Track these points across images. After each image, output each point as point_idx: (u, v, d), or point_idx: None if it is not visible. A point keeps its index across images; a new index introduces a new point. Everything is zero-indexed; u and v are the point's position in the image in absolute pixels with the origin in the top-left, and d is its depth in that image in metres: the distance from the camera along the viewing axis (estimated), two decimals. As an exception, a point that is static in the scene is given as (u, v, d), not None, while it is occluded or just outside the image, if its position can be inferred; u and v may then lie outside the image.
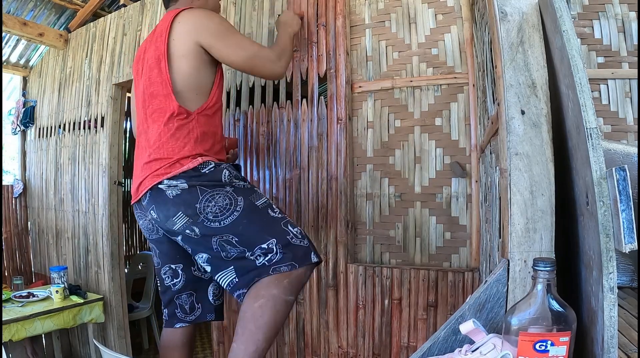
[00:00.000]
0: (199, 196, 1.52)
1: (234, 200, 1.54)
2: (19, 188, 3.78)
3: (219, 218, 1.52)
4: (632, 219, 0.64)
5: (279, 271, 1.48)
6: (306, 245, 1.55)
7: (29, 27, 3.17)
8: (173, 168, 1.57)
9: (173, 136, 1.61)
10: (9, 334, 2.36)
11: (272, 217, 1.57)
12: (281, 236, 1.52)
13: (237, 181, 1.60)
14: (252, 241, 1.51)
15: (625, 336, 0.89)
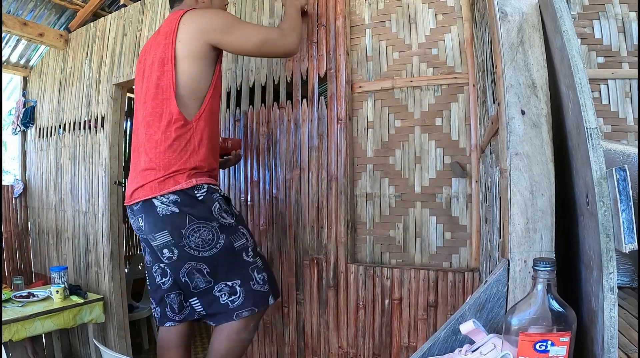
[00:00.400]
0: (186, 223, 1.62)
1: (217, 237, 1.65)
2: (19, 188, 3.78)
3: (199, 248, 1.64)
4: (632, 220, 0.64)
5: (241, 316, 1.68)
6: (266, 290, 1.73)
7: (29, 27, 3.17)
8: (166, 184, 1.63)
9: (170, 147, 1.66)
10: (9, 334, 2.36)
11: (244, 260, 1.71)
12: (245, 280, 1.69)
13: (225, 216, 1.68)
14: (220, 276, 1.68)
15: (625, 336, 0.89)
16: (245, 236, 1.73)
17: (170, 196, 1.62)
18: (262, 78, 2.25)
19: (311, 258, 2.07)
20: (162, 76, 1.67)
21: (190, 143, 1.67)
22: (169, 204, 1.62)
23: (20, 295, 2.75)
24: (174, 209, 1.62)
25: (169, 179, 1.63)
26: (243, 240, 1.71)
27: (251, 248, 1.74)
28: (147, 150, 1.68)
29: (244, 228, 1.75)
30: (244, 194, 2.29)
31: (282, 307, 2.16)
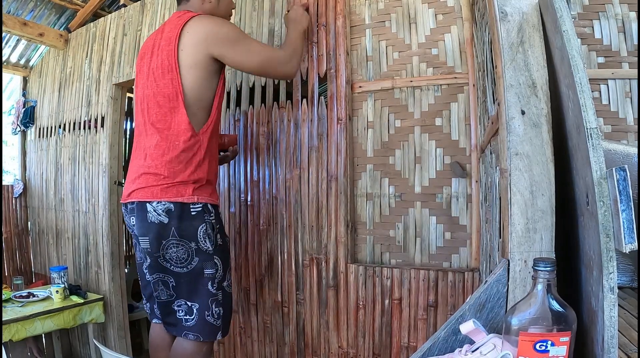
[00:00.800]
0: (168, 236, 1.64)
1: (191, 258, 1.67)
2: (19, 188, 3.78)
3: (172, 263, 1.67)
4: (632, 220, 0.64)
5: (187, 338, 1.72)
6: (217, 325, 1.74)
7: (29, 27, 3.17)
8: (168, 192, 1.64)
9: (177, 158, 1.67)
10: (9, 334, 2.36)
11: (207, 289, 1.71)
12: (202, 307, 1.71)
13: (206, 241, 1.68)
14: (183, 294, 1.71)
15: (626, 336, 0.89)
16: (217, 266, 1.73)
17: (166, 203, 1.63)
18: (262, 78, 2.25)
19: (311, 258, 2.07)
20: (169, 84, 1.67)
21: (197, 155, 1.69)
22: (161, 213, 1.63)
23: (20, 295, 2.76)
24: (162, 219, 1.63)
25: (172, 188, 1.65)
26: (213, 270, 1.71)
27: (218, 280, 1.73)
28: (152, 155, 1.68)
29: (219, 259, 1.74)
30: (243, 194, 2.29)
31: (282, 307, 2.16)
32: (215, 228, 1.72)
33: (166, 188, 1.64)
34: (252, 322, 2.26)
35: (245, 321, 2.28)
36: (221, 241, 1.78)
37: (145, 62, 1.78)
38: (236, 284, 2.30)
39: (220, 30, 1.70)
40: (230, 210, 2.32)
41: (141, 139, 1.75)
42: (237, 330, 2.31)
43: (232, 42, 1.70)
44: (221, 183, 2.35)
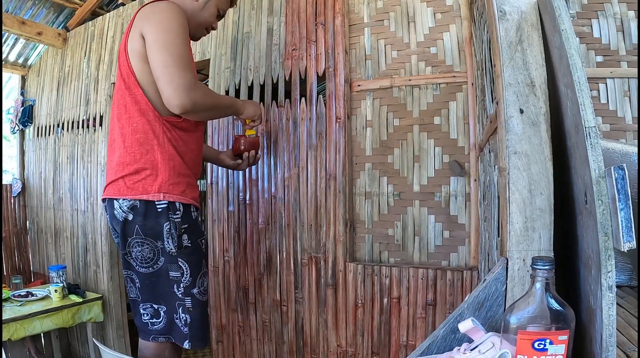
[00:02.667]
0: (133, 234, 1.58)
1: (156, 258, 1.60)
2: (18, 187, 3.78)
3: (137, 262, 1.62)
4: (630, 218, 0.64)
5: (156, 340, 1.67)
6: (184, 332, 1.65)
7: (27, 26, 3.16)
8: (134, 189, 1.56)
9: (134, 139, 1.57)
10: (8, 333, 2.36)
11: (173, 292, 1.63)
12: (170, 310, 1.64)
13: (169, 241, 1.58)
14: (148, 296, 1.65)
15: (624, 335, 0.89)
16: (182, 270, 1.62)
17: (131, 200, 1.56)
18: (261, 77, 2.25)
19: (310, 256, 2.07)
20: (124, 63, 1.58)
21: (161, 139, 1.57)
22: (126, 210, 1.57)
23: (19, 294, 2.75)
24: (127, 216, 1.57)
25: (137, 184, 1.56)
26: (178, 274, 1.62)
27: (185, 285, 1.63)
28: (117, 145, 1.61)
29: (185, 263, 1.62)
30: (242, 193, 2.28)
31: (281, 306, 2.16)
32: (180, 228, 1.60)
33: (132, 184, 1.56)
34: (251, 320, 2.26)
35: (244, 320, 2.28)
36: (189, 243, 1.63)
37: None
38: (235, 283, 2.30)
39: (161, 12, 1.55)
40: (229, 209, 2.32)
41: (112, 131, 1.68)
42: (236, 328, 2.31)
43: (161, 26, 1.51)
44: (220, 182, 2.35)
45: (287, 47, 2.18)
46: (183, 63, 1.49)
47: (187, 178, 1.65)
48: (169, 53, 1.48)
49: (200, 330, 1.68)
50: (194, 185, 1.70)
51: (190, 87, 1.48)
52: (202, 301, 1.69)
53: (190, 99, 1.47)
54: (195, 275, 1.65)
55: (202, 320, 1.69)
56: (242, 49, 2.32)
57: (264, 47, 2.25)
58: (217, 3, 1.76)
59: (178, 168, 1.61)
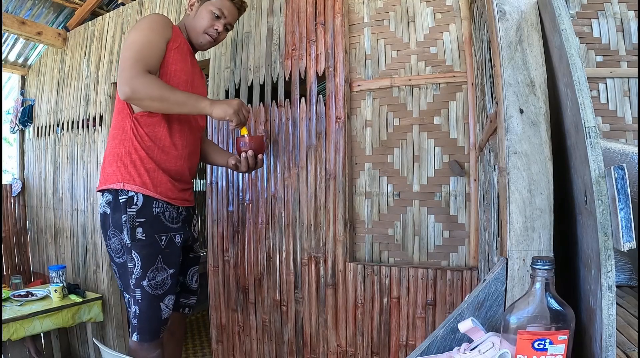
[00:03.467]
0: (109, 226, 1.71)
1: (123, 249, 1.71)
2: (18, 187, 3.78)
3: (113, 253, 1.75)
4: (630, 218, 0.64)
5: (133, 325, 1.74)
6: (134, 325, 1.72)
7: (27, 26, 3.16)
8: (106, 180, 1.72)
9: (112, 134, 1.76)
10: (8, 333, 2.36)
11: (129, 283, 1.71)
12: (129, 301, 1.73)
13: (124, 233, 1.67)
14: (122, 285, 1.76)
15: (624, 334, 0.89)
16: (134, 262, 1.67)
17: (107, 195, 1.72)
18: (261, 77, 2.25)
19: (310, 256, 2.07)
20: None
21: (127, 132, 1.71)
22: (104, 204, 1.73)
23: (18, 294, 2.75)
24: (105, 209, 1.72)
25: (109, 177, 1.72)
26: (131, 265, 1.68)
27: (136, 277, 1.67)
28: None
29: (137, 254, 1.66)
30: (242, 193, 2.28)
31: (281, 306, 2.16)
32: (134, 221, 1.66)
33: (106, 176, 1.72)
34: (251, 320, 2.26)
35: (244, 320, 2.29)
36: (144, 236, 1.67)
37: None
38: (235, 283, 2.30)
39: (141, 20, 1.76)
40: (229, 209, 2.32)
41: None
42: (236, 328, 2.31)
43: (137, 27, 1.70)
44: (220, 182, 2.35)
45: (287, 47, 2.18)
46: (137, 56, 1.61)
47: (154, 172, 1.72)
48: (128, 49, 1.63)
49: (149, 323, 1.71)
50: (164, 181, 1.73)
51: (133, 76, 1.58)
52: (153, 295, 1.70)
53: (129, 87, 1.57)
54: (147, 268, 1.68)
55: (151, 313, 1.71)
56: (241, 49, 2.32)
57: (264, 47, 2.25)
58: (207, 6, 1.83)
59: (143, 160, 1.70)
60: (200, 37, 1.85)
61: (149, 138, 1.71)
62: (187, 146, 1.82)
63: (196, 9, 1.84)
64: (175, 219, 1.77)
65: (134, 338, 1.71)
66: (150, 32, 1.67)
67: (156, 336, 1.73)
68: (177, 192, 1.77)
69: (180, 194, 1.79)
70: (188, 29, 1.86)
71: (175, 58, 1.75)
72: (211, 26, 1.84)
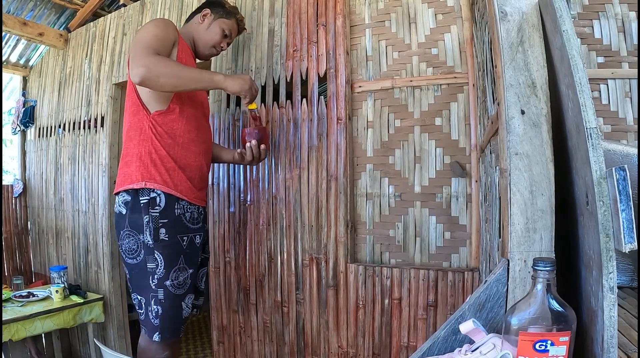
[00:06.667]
0: (125, 226, 1.71)
1: (139, 250, 1.70)
2: (19, 188, 3.78)
3: (126, 254, 1.74)
4: (631, 219, 0.64)
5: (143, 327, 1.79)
6: (155, 324, 1.73)
7: (29, 27, 3.17)
8: (124, 181, 1.71)
9: (128, 136, 1.75)
10: (9, 334, 2.36)
11: (149, 284, 1.71)
12: (147, 303, 1.74)
13: (147, 234, 1.67)
14: (134, 286, 1.77)
15: (625, 336, 0.89)
16: (157, 262, 1.68)
17: (124, 195, 1.71)
18: (262, 78, 2.25)
19: (311, 257, 2.07)
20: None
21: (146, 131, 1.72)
22: (121, 204, 1.72)
23: (20, 294, 2.76)
24: (122, 210, 1.72)
25: (126, 178, 1.71)
26: (153, 265, 1.69)
27: (159, 277, 1.69)
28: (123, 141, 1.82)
29: (160, 255, 1.68)
30: (243, 193, 2.29)
31: (282, 307, 2.16)
32: (157, 222, 1.67)
33: (123, 177, 1.72)
34: (252, 321, 2.26)
35: (245, 320, 2.29)
36: (167, 236, 1.69)
37: None
38: (236, 284, 2.30)
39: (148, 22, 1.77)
40: (230, 210, 2.32)
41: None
42: (237, 329, 2.31)
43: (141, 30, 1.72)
44: (221, 183, 2.35)
45: (288, 48, 2.18)
46: (147, 45, 1.62)
47: (174, 171, 1.73)
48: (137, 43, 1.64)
49: (171, 322, 1.74)
50: (183, 180, 1.75)
51: (145, 56, 1.58)
52: (175, 295, 1.73)
53: (144, 66, 1.56)
54: (171, 268, 1.70)
55: (173, 314, 1.74)
56: (243, 50, 2.33)
57: (265, 49, 2.25)
58: (220, 24, 1.96)
59: (163, 159, 1.71)
60: (207, 50, 1.98)
61: (168, 136, 1.73)
62: (205, 141, 1.89)
63: (209, 23, 1.94)
64: (195, 219, 1.81)
65: (155, 338, 1.72)
66: (157, 30, 1.71)
67: (177, 335, 1.77)
68: (196, 191, 1.81)
69: (198, 194, 1.83)
70: (196, 38, 1.95)
71: (180, 57, 1.80)
72: (219, 43, 1.97)
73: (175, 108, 1.76)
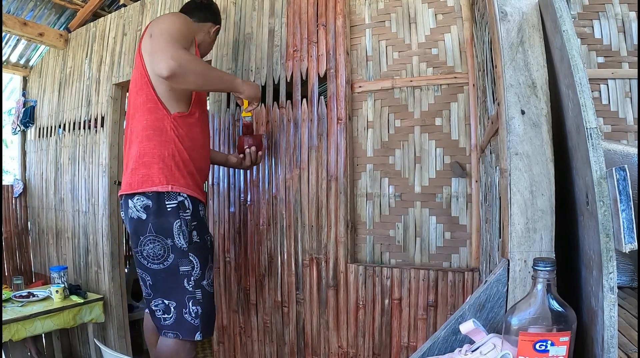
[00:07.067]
0: (146, 231, 1.65)
1: (166, 255, 1.67)
2: (19, 188, 3.78)
3: (148, 259, 1.68)
4: (632, 219, 0.64)
5: (167, 336, 1.71)
6: (195, 325, 1.71)
7: (29, 27, 3.17)
8: (144, 183, 1.65)
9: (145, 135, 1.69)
10: (9, 334, 2.36)
11: (183, 286, 1.70)
12: (180, 305, 1.70)
13: (181, 237, 1.67)
14: (159, 291, 1.71)
15: (625, 336, 0.89)
16: (193, 264, 1.70)
17: (144, 199, 1.65)
18: (262, 78, 2.25)
19: (311, 257, 2.07)
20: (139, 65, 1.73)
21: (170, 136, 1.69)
22: (139, 209, 1.65)
23: (20, 294, 2.76)
24: (141, 215, 1.65)
25: (147, 180, 1.65)
26: (189, 267, 1.69)
27: (195, 278, 1.71)
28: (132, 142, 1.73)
29: (195, 257, 1.71)
30: (243, 194, 2.29)
31: (282, 307, 2.16)
32: (190, 225, 1.69)
33: (143, 178, 1.66)
34: (252, 321, 2.26)
35: (245, 321, 2.28)
36: (198, 238, 1.73)
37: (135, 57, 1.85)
38: (236, 284, 2.30)
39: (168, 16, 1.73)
40: (230, 210, 2.32)
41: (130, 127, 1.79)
42: (237, 329, 2.31)
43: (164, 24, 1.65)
44: (221, 183, 2.35)
45: (289, 48, 2.18)
46: (175, 37, 1.59)
47: (193, 174, 1.75)
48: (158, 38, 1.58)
49: (210, 319, 1.79)
50: (198, 183, 1.80)
51: (177, 50, 1.54)
52: (211, 293, 1.80)
53: (176, 60, 1.51)
54: (205, 268, 1.75)
55: (211, 310, 1.81)
56: (243, 51, 2.33)
57: (265, 49, 2.25)
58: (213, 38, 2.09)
59: (185, 162, 1.72)
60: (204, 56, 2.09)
61: (188, 139, 1.74)
62: (209, 145, 1.95)
63: (213, 37, 2.07)
64: (207, 220, 1.87)
65: (197, 337, 1.72)
66: (182, 26, 1.68)
67: (213, 331, 1.83)
68: (204, 193, 1.86)
69: (204, 195, 1.87)
70: (201, 47, 1.97)
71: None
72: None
73: (195, 112, 1.77)
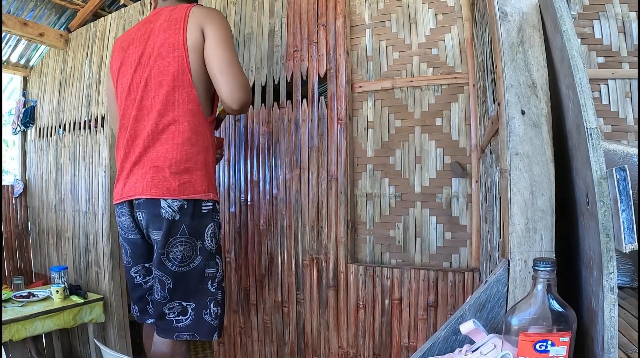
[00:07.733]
0: (177, 234, 1.59)
1: (194, 256, 1.64)
2: (19, 188, 3.78)
3: (174, 262, 1.62)
4: (632, 220, 0.64)
5: (180, 338, 1.66)
6: (214, 325, 1.69)
7: (29, 27, 3.17)
8: (185, 190, 1.58)
9: (186, 138, 1.59)
10: (9, 334, 2.36)
11: (206, 288, 1.68)
12: (200, 306, 1.67)
13: (211, 240, 1.68)
14: (178, 295, 1.65)
15: (625, 336, 0.89)
16: (217, 266, 1.72)
17: (181, 201, 1.57)
18: (262, 78, 2.25)
19: (311, 257, 2.07)
20: (173, 62, 1.59)
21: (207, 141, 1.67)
22: (175, 210, 1.57)
23: (20, 294, 2.75)
24: (175, 216, 1.57)
25: (188, 184, 1.58)
26: (214, 270, 1.69)
27: (218, 280, 1.72)
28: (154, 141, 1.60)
29: (219, 259, 1.73)
30: (243, 194, 2.29)
31: (282, 307, 2.16)
32: (219, 228, 1.73)
33: (182, 184, 1.57)
34: (252, 321, 2.26)
35: (245, 321, 2.28)
36: (219, 240, 1.76)
37: (133, 50, 1.71)
38: (236, 284, 2.30)
39: (221, 16, 1.66)
40: (230, 210, 2.32)
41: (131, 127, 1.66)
42: (237, 329, 2.31)
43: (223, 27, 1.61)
44: (221, 183, 2.35)
45: (289, 48, 2.18)
46: (240, 65, 1.64)
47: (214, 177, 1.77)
48: (232, 52, 1.60)
49: (223, 319, 1.78)
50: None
51: (248, 86, 1.61)
52: (225, 293, 1.86)
53: (248, 97, 1.60)
54: (222, 269, 1.77)
55: (225, 309, 1.82)
56: (243, 51, 2.33)
57: (266, 49, 2.25)
58: None
59: (213, 168, 1.74)
60: None
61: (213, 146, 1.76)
62: None
63: None
64: None
65: (215, 337, 1.71)
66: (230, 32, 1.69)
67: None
68: None
69: None
70: None
71: None
72: None
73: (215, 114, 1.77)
